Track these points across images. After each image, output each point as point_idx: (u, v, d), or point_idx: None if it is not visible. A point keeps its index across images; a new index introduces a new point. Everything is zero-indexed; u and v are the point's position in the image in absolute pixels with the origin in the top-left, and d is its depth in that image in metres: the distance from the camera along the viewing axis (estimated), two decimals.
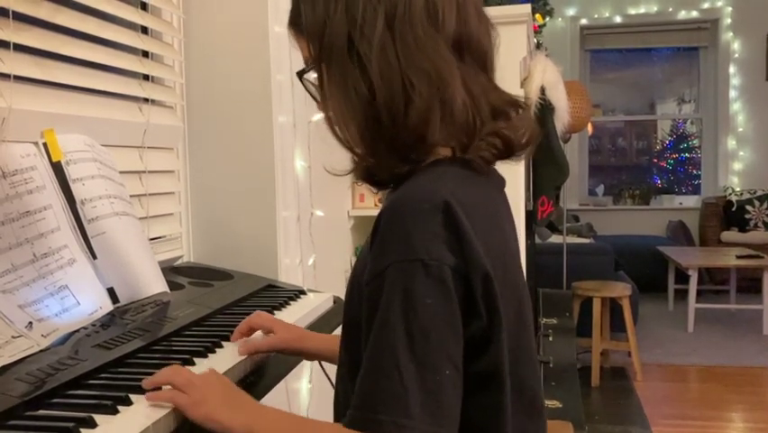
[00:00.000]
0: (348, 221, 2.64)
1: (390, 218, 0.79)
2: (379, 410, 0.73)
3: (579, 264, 4.46)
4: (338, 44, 0.84)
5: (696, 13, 6.98)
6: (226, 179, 1.87)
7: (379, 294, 0.77)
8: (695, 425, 3.50)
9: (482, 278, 0.77)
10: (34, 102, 1.29)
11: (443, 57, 0.83)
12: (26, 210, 1.15)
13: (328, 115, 0.88)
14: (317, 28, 0.86)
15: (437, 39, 0.84)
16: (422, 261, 0.75)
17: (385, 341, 0.75)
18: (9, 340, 1.01)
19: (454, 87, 0.83)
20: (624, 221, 7.05)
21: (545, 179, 3.03)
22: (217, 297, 1.47)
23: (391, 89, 0.82)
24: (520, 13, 2.48)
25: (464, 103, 0.84)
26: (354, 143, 0.87)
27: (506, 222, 0.92)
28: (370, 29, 0.82)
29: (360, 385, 0.76)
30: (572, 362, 3.19)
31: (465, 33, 0.86)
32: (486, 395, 0.81)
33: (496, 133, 0.86)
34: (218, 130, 1.87)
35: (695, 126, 7.50)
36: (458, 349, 0.77)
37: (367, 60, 0.82)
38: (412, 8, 0.83)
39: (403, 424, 0.72)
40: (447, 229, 0.77)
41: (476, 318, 0.78)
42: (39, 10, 1.31)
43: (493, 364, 0.80)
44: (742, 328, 5.18)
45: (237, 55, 1.84)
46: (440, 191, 0.78)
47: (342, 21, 0.84)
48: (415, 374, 0.73)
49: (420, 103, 0.82)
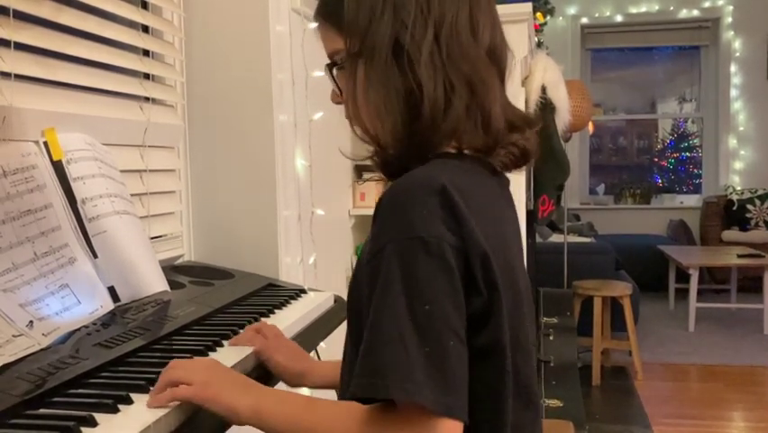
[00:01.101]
0: (349, 220, 2.64)
1: (389, 201, 0.81)
2: (386, 376, 0.73)
3: (579, 263, 4.45)
4: (383, 44, 0.88)
5: (697, 12, 6.98)
6: (227, 178, 1.87)
7: (378, 271, 0.78)
8: (696, 424, 3.50)
9: (481, 256, 0.79)
10: (35, 101, 1.29)
11: (485, 64, 0.90)
12: (27, 209, 1.15)
13: (356, 108, 0.92)
14: (362, 25, 0.89)
15: (478, 48, 0.90)
16: (421, 238, 0.77)
17: (387, 313, 0.76)
18: (10, 339, 1.01)
19: (494, 96, 0.89)
20: (625, 220, 7.05)
21: (546, 179, 3.03)
22: (218, 296, 1.47)
23: (436, 92, 0.87)
24: (521, 12, 2.48)
25: (499, 112, 0.90)
26: (383, 137, 0.91)
27: (505, 215, 0.94)
28: (421, 34, 0.87)
29: (363, 355, 0.76)
30: (573, 361, 3.19)
31: (494, 50, 0.92)
32: (487, 369, 0.81)
33: (514, 144, 0.92)
34: (219, 129, 1.87)
35: (696, 125, 7.50)
36: (461, 322, 0.77)
37: (416, 63, 0.87)
38: (458, 19, 0.89)
39: (409, 389, 0.72)
40: (444, 209, 0.79)
41: (476, 295, 0.80)
42: (40, 9, 1.31)
43: (494, 339, 0.81)
44: (743, 328, 5.17)
45: (238, 54, 1.84)
46: (438, 177, 0.81)
47: (389, 22, 0.88)
48: (418, 345, 0.74)
49: (458, 106, 0.87)
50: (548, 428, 1.81)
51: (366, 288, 0.81)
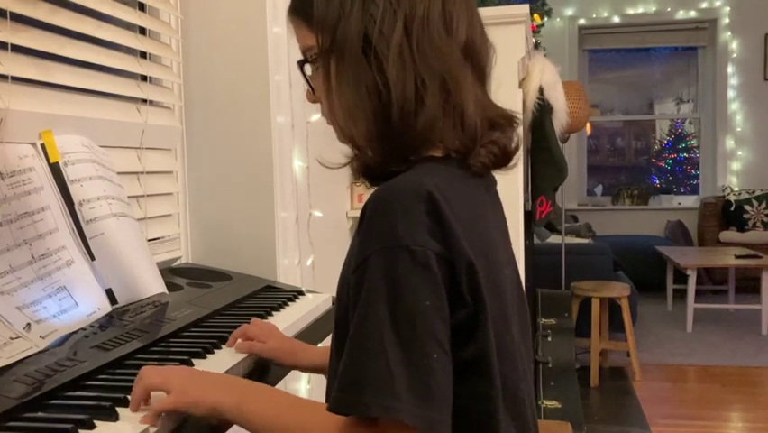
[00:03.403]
0: (347, 221, 2.64)
1: (374, 208, 0.79)
2: (365, 392, 0.72)
3: (577, 264, 4.46)
4: (353, 40, 0.85)
5: (694, 13, 6.99)
6: (225, 179, 1.87)
7: (363, 281, 0.77)
8: (694, 425, 3.50)
9: (466, 265, 0.78)
10: (32, 103, 1.29)
11: (457, 61, 0.86)
12: (24, 211, 1.15)
13: (331, 107, 0.89)
14: (331, 21, 0.87)
15: (451, 44, 0.86)
16: (406, 246, 0.75)
17: (370, 324, 0.74)
18: (7, 341, 1.01)
19: (467, 94, 0.86)
20: (622, 221, 7.06)
21: (544, 180, 3.03)
22: (216, 298, 1.47)
23: (405, 90, 0.84)
24: (518, 14, 2.48)
25: (474, 110, 0.86)
26: (358, 138, 0.88)
27: (490, 218, 0.92)
28: (389, 29, 0.84)
29: (344, 368, 0.75)
30: (571, 362, 3.19)
31: (471, 45, 0.89)
32: (473, 383, 0.80)
33: (495, 142, 0.88)
34: (216, 130, 1.87)
35: (693, 126, 7.51)
36: (445, 333, 0.76)
37: (384, 59, 0.84)
38: (430, 13, 0.85)
39: (390, 406, 0.71)
40: (430, 217, 0.77)
41: (461, 306, 0.78)
42: (36, 11, 1.31)
43: (480, 351, 0.80)
44: (741, 328, 5.18)
45: (235, 55, 1.84)
46: (424, 183, 0.79)
47: (359, 18, 0.85)
48: (401, 358, 0.73)
49: (432, 104, 0.84)
50: (546, 429, 1.82)
51: (351, 297, 0.79)
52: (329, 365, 0.95)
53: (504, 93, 0.93)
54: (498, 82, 0.94)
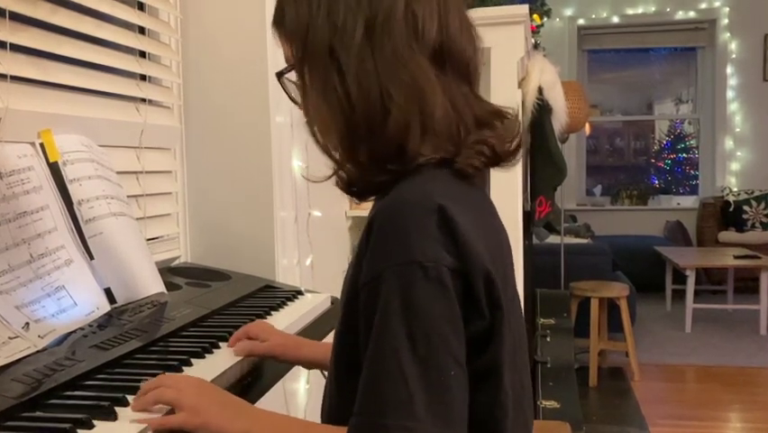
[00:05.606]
0: (345, 221, 2.64)
1: (383, 222, 0.78)
2: (385, 414, 0.72)
3: (576, 264, 4.46)
4: (320, 49, 0.84)
5: (693, 14, 6.99)
6: (224, 179, 1.87)
7: (376, 299, 0.75)
8: (692, 425, 3.51)
9: (484, 277, 0.77)
10: (31, 102, 1.29)
11: (423, 69, 0.83)
12: (23, 211, 1.15)
13: (307, 118, 0.88)
14: (300, 30, 0.86)
15: (416, 50, 0.83)
16: (419, 263, 0.74)
17: (387, 345, 0.74)
18: (6, 341, 1.01)
19: (434, 99, 0.82)
20: (621, 221, 7.06)
21: (543, 180, 3.03)
22: (215, 297, 1.47)
23: (369, 99, 0.82)
24: (518, 14, 2.48)
25: (446, 114, 0.83)
26: (334, 149, 0.86)
27: (496, 222, 0.92)
28: (350, 37, 0.82)
29: (363, 391, 0.75)
30: (570, 362, 3.19)
31: (446, 44, 0.85)
32: (483, 393, 0.80)
33: (483, 142, 0.85)
34: (215, 130, 1.87)
35: (692, 127, 7.51)
36: (461, 348, 0.76)
37: (346, 69, 0.82)
38: (392, 18, 0.82)
39: (410, 427, 0.71)
40: (442, 231, 0.76)
41: (478, 318, 0.78)
42: (36, 10, 1.31)
43: (492, 362, 0.80)
44: (739, 328, 5.18)
45: (234, 55, 1.84)
46: (432, 194, 0.78)
47: (324, 26, 0.83)
48: (419, 377, 0.72)
49: (398, 114, 0.81)
50: (545, 429, 1.82)
51: (363, 314, 0.78)
52: (329, 365, 0.95)
53: (503, 93, 0.92)
54: (497, 82, 0.93)
